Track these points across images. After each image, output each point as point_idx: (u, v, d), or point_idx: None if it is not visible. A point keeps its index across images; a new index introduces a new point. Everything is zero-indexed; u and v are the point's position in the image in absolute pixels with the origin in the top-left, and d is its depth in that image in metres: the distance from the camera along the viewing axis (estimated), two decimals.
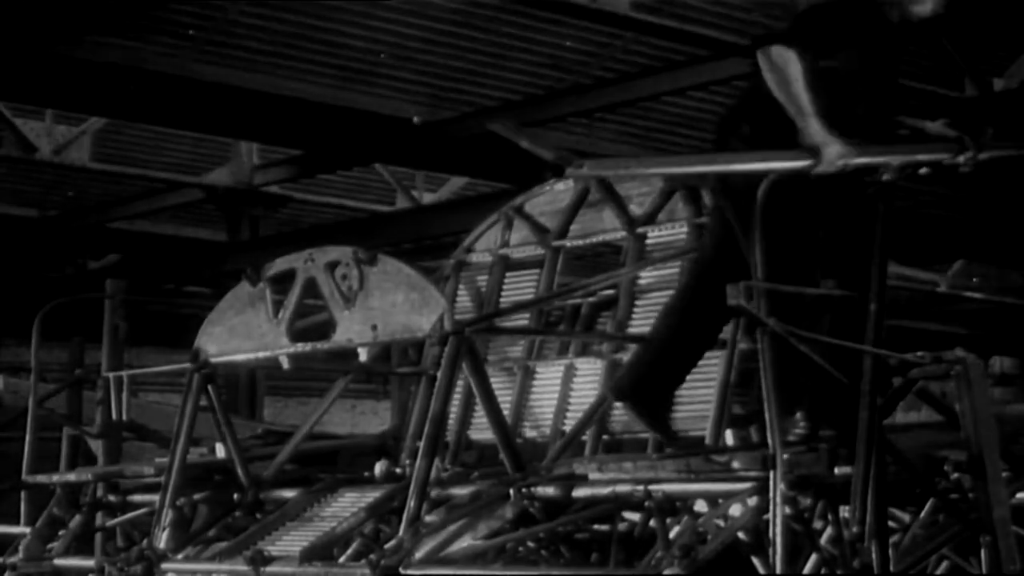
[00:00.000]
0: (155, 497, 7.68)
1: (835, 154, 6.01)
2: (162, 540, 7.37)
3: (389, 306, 7.05)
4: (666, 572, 5.64)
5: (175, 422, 7.70)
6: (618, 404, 7.13)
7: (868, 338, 5.96)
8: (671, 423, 6.95)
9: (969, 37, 6.57)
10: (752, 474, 5.91)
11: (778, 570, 5.61)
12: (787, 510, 5.70)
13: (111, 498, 8.35)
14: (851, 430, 5.92)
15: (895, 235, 6.18)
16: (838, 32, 6.38)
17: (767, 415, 5.80)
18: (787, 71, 6.12)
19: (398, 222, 17.42)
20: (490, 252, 8.44)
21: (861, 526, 5.66)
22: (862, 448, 5.75)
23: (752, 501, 5.85)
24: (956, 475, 6.15)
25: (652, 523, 6.15)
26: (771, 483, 5.71)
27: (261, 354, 7.61)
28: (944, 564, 6.72)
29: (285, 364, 7.61)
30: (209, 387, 7.73)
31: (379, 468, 7.35)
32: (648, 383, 6.79)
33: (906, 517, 6.52)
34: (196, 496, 7.74)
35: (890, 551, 5.85)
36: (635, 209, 7.93)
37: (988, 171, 6.64)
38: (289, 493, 7.43)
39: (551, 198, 8.31)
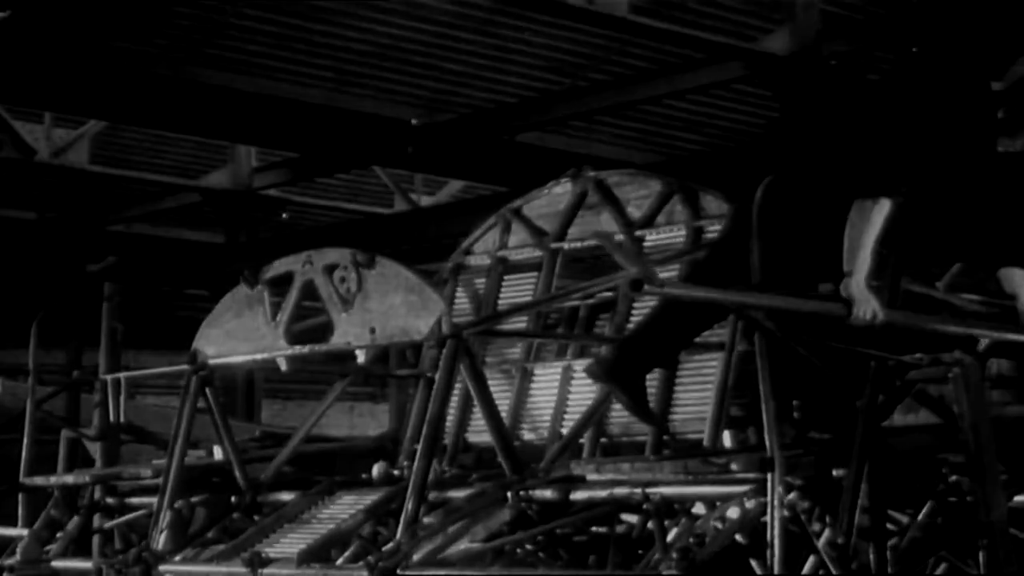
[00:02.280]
0: (153, 499, 7.68)
1: (866, 312, 6.06)
2: (160, 542, 7.38)
3: (387, 309, 7.06)
4: (664, 574, 5.64)
5: (173, 424, 7.70)
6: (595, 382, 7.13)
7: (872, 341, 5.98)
8: (646, 402, 6.93)
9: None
10: (750, 476, 5.92)
11: (776, 572, 5.60)
12: (785, 512, 5.70)
13: (109, 500, 8.35)
14: (849, 432, 5.92)
15: None
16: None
17: (765, 417, 5.80)
18: (869, 221, 6.15)
19: (396, 225, 17.41)
20: (488, 255, 8.43)
21: (847, 536, 5.67)
22: (855, 454, 5.77)
23: (750, 503, 5.85)
24: (954, 477, 6.15)
25: (650, 525, 6.15)
26: (769, 485, 5.71)
27: (259, 356, 7.61)
28: (942, 567, 6.72)
29: (283, 366, 7.61)
30: (207, 389, 7.73)
31: (377, 470, 7.35)
32: (623, 361, 6.80)
33: (904, 519, 6.52)
34: (194, 498, 7.73)
35: (888, 553, 5.85)
36: (633, 212, 7.92)
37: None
38: (287, 495, 7.43)
39: (549, 201, 8.30)
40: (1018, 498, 6.51)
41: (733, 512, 5.89)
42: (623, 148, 15.72)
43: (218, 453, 7.88)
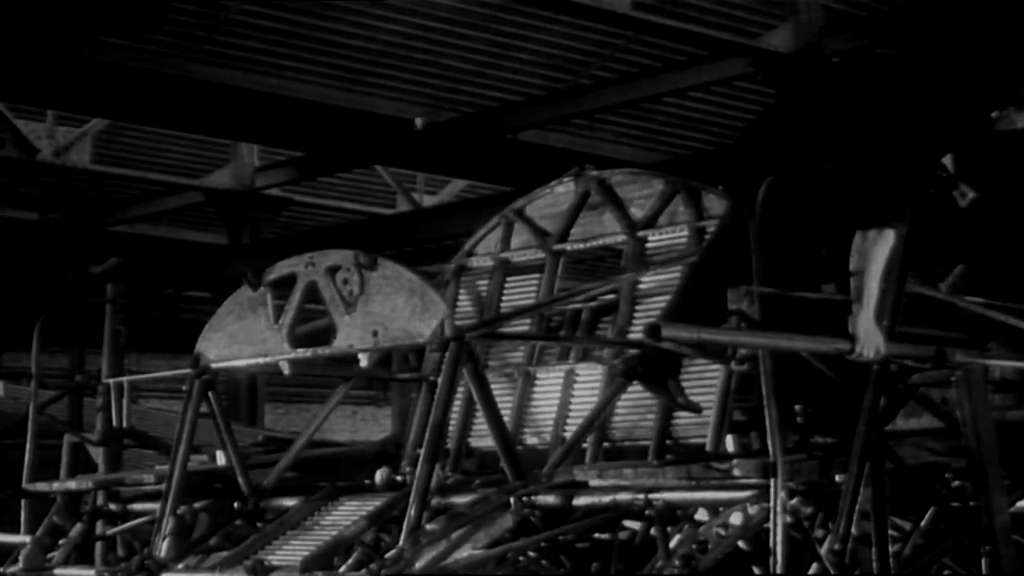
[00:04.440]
0: (156, 505, 7.65)
1: (871, 349, 6.04)
2: (163, 549, 7.35)
3: (390, 311, 7.03)
4: None
5: (176, 429, 7.67)
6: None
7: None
8: (681, 391, 6.88)
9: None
10: (753, 482, 5.90)
11: None
12: (788, 518, 5.68)
13: (111, 506, 8.30)
14: (851, 437, 5.90)
15: None
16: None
17: (767, 422, 5.78)
18: (874, 254, 6.13)
19: (398, 225, 17.38)
20: (491, 256, 8.40)
21: (844, 541, 5.65)
22: (856, 458, 5.75)
23: (753, 509, 5.83)
24: (957, 483, 6.13)
25: (653, 532, 6.14)
26: (772, 491, 5.69)
27: (262, 360, 7.58)
28: (945, 573, 6.69)
29: (286, 370, 7.58)
30: (210, 393, 7.70)
31: (380, 476, 7.33)
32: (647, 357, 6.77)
33: (907, 526, 6.49)
34: (197, 504, 7.70)
35: (891, 560, 5.83)
36: (636, 212, 7.90)
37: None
38: (290, 501, 7.41)
39: (552, 201, 8.28)
40: (1021, 503, 6.49)
41: (736, 518, 5.88)
42: (626, 146, 15.71)
43: (221, 458, 7.85)
